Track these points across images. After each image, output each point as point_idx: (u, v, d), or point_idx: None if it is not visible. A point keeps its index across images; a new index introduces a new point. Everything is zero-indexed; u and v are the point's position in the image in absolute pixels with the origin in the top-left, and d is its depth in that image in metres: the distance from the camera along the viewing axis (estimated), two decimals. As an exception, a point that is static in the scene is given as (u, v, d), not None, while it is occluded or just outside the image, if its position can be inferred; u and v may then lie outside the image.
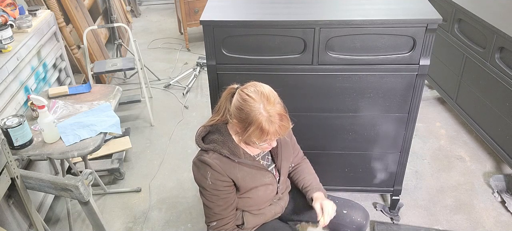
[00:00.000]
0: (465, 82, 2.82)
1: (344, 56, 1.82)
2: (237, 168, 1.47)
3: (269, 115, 1.34)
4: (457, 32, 2.86)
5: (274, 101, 1.36)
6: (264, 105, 1.34)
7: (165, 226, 2.34)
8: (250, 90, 1.38)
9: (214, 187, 1.46)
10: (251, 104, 1.34)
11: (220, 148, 1.46)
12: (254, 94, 1.36)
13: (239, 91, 1.40)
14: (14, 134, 1.77)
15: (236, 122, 1.39)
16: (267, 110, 1.34)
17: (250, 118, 1.34)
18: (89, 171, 1.61)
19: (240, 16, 1.81)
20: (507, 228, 2.28)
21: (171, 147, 2.98)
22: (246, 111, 1.35)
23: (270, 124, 1.34)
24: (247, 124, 1.36)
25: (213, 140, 1.49)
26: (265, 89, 1.39)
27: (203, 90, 3.71)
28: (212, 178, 1.45)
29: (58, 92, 2.27)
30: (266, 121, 1.33)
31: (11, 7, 2.41)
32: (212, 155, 1.46)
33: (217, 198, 1.48)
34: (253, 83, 1.42)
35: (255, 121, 1.34)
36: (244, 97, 1.36)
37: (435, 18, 1.72)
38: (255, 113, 1.33)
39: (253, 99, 1.35)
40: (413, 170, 2.68)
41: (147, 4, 6.11)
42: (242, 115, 1.36)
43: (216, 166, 1.44)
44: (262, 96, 1.35)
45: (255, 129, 1.34)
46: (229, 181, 1.46)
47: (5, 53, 2.09)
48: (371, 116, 1.99)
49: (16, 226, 1.83)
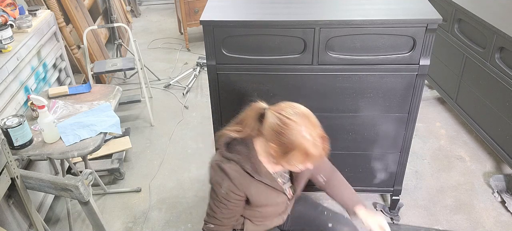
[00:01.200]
0: (465, 82, 2.82)
1: (344, 56, 1.82)
2: (254, 184, 1.43)
3: (313, 139, 1.27)
4: (457, 32, 2.86)
5: (315, 123, 1.30)
6: (307, 128, 1.28)
7: (165, 226, 2.34)
8: (288, 112, 1.30)
9: (226, 197, 1.42)
10: (293, 128, 1.27)
11: (243, 161, 1.40)
12: (295, 117, 1.29)
13: (275, 113, 1.33)
14: (14, 134, 1.77)
15: (274, 146, 1.32)
16: (310, 133, 1.27)
17: (293, 142, 1.27)
18: (89, 171, 1.61)
19: (240, 16, 1.81)
20: (507, 228, 2.28)
21: (171, 147, 2.98)
22: (288, 135, 1.28)
23: (315, 148, 1.27)
24: (289, 148, 1.29)
25: (238, 151, 1.43)
26: (304, 110, 1.33)
27: (203, 90, 3.71)
28: (227, 189, 1.40)
29: (58, 92, 2.27)
30: (312, 145, 1.27)
31: (11, 7, 2.41)
32: (233, 166, 1.41)
33: (224, 207, 1.44)
34: (289, 104, 1.34)
35: (298, 146, 1.27)
36: (284, 121, 1.29)
37: (435, 18, 1.72)
38: (298, 137, 1.27)
39: (295, 122, 1.28)
40: (413, 170, 2.68)
41: (147, 4, 6.11)
42: (283, 139, 1.29)
43: (235, 178, 1.39)
44: (304, 119, 1.29)
45: (299, 154, 1.28)
46: (243, 195, 1.43)
47: (5, 53, 2.09)
48: (371, 115, 1.99)
49: (16, 226, 1.83)
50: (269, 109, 1.36)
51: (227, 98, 1.96)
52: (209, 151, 2.88)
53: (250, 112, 1.42)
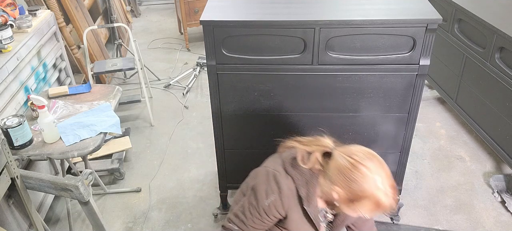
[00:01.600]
0: (465, 82, 2.82)
1: (344, 56, 1.82)
2: (298, 210, 1.37)
3: (385, 189, 1.21)
4: (457, 32, 2.86)
5: (388, 172, 1.24)
6: (381, 178, 1.21)
7: (165, 226, 2.34)
8: (360, 157, 1.24)
9: (266, 210, 1.35)
10: (367, 175, 1.21)
11: (301, 184, 1.34)
12: (369, 164, 1.22)
13: (345, 156, 1.26)
14: (14, 134, 1.77)
15: (340, 190, 1.25)
16: (383, 183, 1.21)
17: (365, 191, 1.21)
18: (89, 171, 1.61)
19: (240, 16, 1.81)
20: (507, 228, 2.28)
21: (171, 147, 2.98)
22: (360, 183, 1.21)
23: (386, 198, 1.21)
24: (358, 196, 1.22)
25: (301, 171, 1.36)
26: (378, 157, 1.26)
27: (203, 90, 3.71)
28: (272, 203, 1.34)
29: (58, 92, 2.27)
30: (384, 195, 1.21)
31: (11, 7, 2.41)
32: (289, 184, 1.34)
33: (258, 218, 1.37)
34: (359, 148, 1.28)
35: (371, 196, 1.21)
36: (357, 166, 1.22)
37: (435, 18, 1.72)
38: (371, 187, 1.21)
39: (369, 169, 1.22)
40: (413, 170, 2.68)
41: (147, 4, 6.10)
42: (353, 186, 1.22)
43: (285, 196, 1.33)
44: (378, 167, 1.23)
45: (369, 203, 1.22)
46: (283, 215, 1.37)
47: (5, 53, 2.09)
48: (371, 115, 1.99)
49: (16, 226, 1.83)
50: (336, 150, 1.30)
51: (227, 98, 1.96)
52: (209, 151, 2.89)
53: (316, 146, 1.35)
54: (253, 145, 2.10)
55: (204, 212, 2.41)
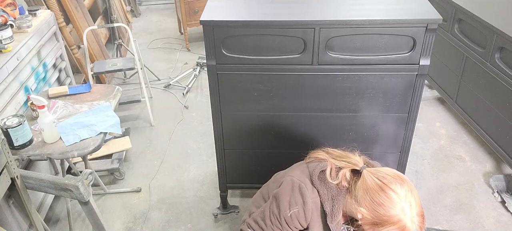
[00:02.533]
0: (465, 82, 2.82)
1: (344, 56, 1.82)
2: (319, 225, 1.35)
3: (412, 216, 1.19)
4: (457, 32, 2.86)
5: (418, 200, 1.21)
6: (410, 206, 1.19)
7: (165, 226, 2.34)
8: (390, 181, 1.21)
9: (288, 221, 1.33)
10: (395, 202, 1.18)
11: (326, 200, 1.31)
12: (400, 190, 1.19)
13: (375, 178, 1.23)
14: (14, 134, 1.77)
15: (365, 211, 1.23)
16: (411, 211, 1.19)
17: (392, 216, 1.18)
18: (89, 171, 1.61)
19: (240, 16, 1.81)
20: (507, 228, 2.28)
21: (171, 147, 2.98)
22: (387, 208, 1.19)
23: (413, 226, 1.18)
24: (384, 221, 1.20)
25: (329, 186, 1.33)
26: (409, 183, 1.23)
27: (203, 90, 3.71)
28: (295, 215, 1.32)
29: (58, 92, 2.27)
30: (411, 223, 1.18)
31: (11, 7, 2.41)
32: (315, 197, 1.32)
33: (279, 227, 1.35)
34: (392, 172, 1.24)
35: (396, 222, 1.18)
36: (386, 190, 1.20)
37: (435, 18, 1.72)
38: (398, 214, 1.18)
39: (398, 195, 1.19)
40: (413, 170, 2.68)
41: (147, 4, 6.10)
42: (379, 210, 1.20)
43: (309, 210, 1.31)
44: (408, 195, 1.20)
45: (394, 228, 1.19)
46: (304, 227, 1.35)
47: (5, 53, 2.09)
48: (371, 115, 1.99)
49: (16, 226, 1.83)
50: (367, 170, 1.28)
51: (227, 98, 1.96)
52: (209, 151, 2.89)
53: (346, 163, 1.33)
54: (253, 145, 2.10)
55: (204, 212, 2.41)
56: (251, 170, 2.19)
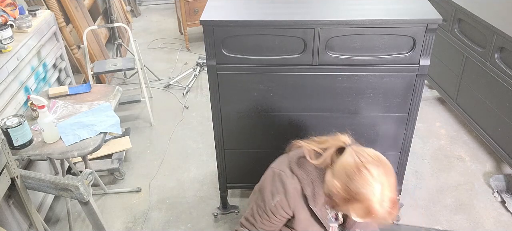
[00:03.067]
0: (465, 82, 2.82)
1: (344, 56, 1.82)
2: (305, 210, 1.36)
3: (382, 199, 1.18)
4: (457, 32, 2.86)
5: (392, 184, 1.21)
6: (383, 188, 1.18)
7: (165, 226, 2.34)
8: (368, 160, 1.22)
9: (273, 210, 1.35)
10: (367, 180, 1.18)
11: (307, 184, 1.33)
12: (373, 169, 1.19)
13: (353, 154, 1.25)
14: (14, 134, 1.77)
15: (338, 185, 1.24)
16: (382, 193, 1.18)
17: (361, 194, 1.18)
18: (89, 171, 1.61)
19: (240, 16, 1.81)
20: (507, 228, 2.28)
21: (171, 147, 2.98)
22: (357, 184, 1.19)
23: (380, 208, 1.18)
24: (352, 197, 1.20)
25: (307, 170, 1.36)
26: (386, 164, 1.23)
27: (203, 90, 3.71)
28: (278, 203, 1.34)
29: (58, 92, 2.27)
30: (378, 205, 1.18)
31: (11, 7, 2.41)
32: (295, 184, 1.34)
33: (267, 219, 1.38)
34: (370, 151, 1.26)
35: (364, 200, 1.18)
36: (360, 167, 1.20)
37: (435, 18, 1.72)
38: (368, 192, 1.18)
39: (372, 175, 1.19)
40: (413, 170, 2.68)
41: (147, 4, 6.10)
42: (350, 185, 1.20)
43: (291, 196, 1.33)
44: (382, 176, 1.19)
45: (361, 207, 1.20)
46: (290, 214, 1.37)
47: (5, 53, 2.09)
48: (371, 115, 1.99)
49: (16, 226, 1.83)
50: (351, 147, 1.29)
51: (227, 98, 1.96)
52: (209, 151, 2.89)
53: (333, 142, 1.34)
54: (253, 145, 2.10)
55: (204, 212, 2.41)
56: (251, 170, 2.19)
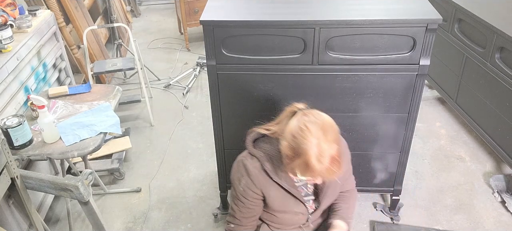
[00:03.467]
0: (465, 82, 2.82)
1: (344, 56, 1.82)
2: (273, 186, 1.40)
3: (320, 153, 1.22)
4: (457, 32, 2.86)
5: (330, 140, 1.24)
6: (319, 142, 1.23)
7: (165, 226, 2.34)
8: (310, 119, 1.27)
9: (243, 194, 1.41)
10: (306, 135, 1.23)
11: (264, 159, 1.38)
12: (312, 126, 1.24)
13: (300, 115, 1.30)
14: (14, 134, 1.77)
15: (286, 145, 1.28)
16: (320, 148, 1.22)
17: (301, 149, 1.23)
18: (89, 171, 1.61)
19: (240, 16, 1.81)
20: (507, 228, 2.28)
21: (171, 147, 2.98)
22: (299, 141, 1.24)
23: (318, 164, 1.23)
24: (295, 153, 1.25)
25: (262, 148, 1.41)
26: (328, 124, 1.28)
27: (203, 90, 3.71)
28: (244, 185, 1.39)
29: (58, 92, 2.27)
30: (316, 159, 1.22)
31: (11, 7, 2.41)
32: (254, 163, 1.39)
33: (243, 205, 1.43)
34: (316, 113, 1.31)
35: (304, 154, 1.23)
36: (302, 126, 1.25)
37: (435, 18, 1.72)
38: (306, 146, 1.22)
39: (309, 131, 1.23)
40: (413, 170, 2.68)
41: (147, 4, 6.10)
42: (293, 143, 1.26)
43: (253, 175, 1.38)
44: (320, 131, 1.24)
45: (302, 162, 1.24)
46: (259, 194, 1.41)
47: (5, 53, 2.09)
48: (371, 115, 1.99)
49: (16, 226, 1.83)
50: (301, 111, 1.33)
51: (227, 98, 1.96)
52: (209, 151, 2.89)
53: (286, 112, 1.39)
54: (253, 145, 2.10)
55: (204, 212, 2.41)
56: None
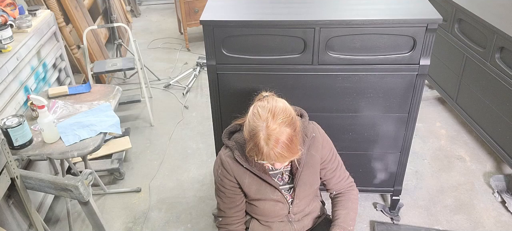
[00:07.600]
0: (465, 82, 2.82)
1: (344, 56, 1.82)
2: (247, 174, 1.45)
3: (267, 136, 1.25)
4: (457, 32, 2.86)
5: (280, 123, 1.27)
6: (268, 124, 1.26)
7: (165, 226, 2.34)
8: (262, 104, 1.32)
9: (221, 183, 1.48)
10: (256, 119, 1.28)
11: (235, 148, 1.44)
12: (262, 111, 1.29)
13: (257, 102, 1.36)
14: (14, 134, 1.77)
15: (245, 131, 1.34)
16: (268, 129, 1.26)
17: (252, 132, 1.28)
18: (89, 171, 1.60)
19: (240, 16, 1.81)
20: (507, 228, 2.28)
21: (171, 147, 2.98)
22: (251, 125, 1.29)
23: (265, 145, 1.26)
24: (250, 137, 1.30)
25: (235, 138, 1.47)
26: (277, 107, 1.31)
27: (203, 90, 3.71)
28: (221, 175, 1.46)
29: (58, 92, 2.27)
30: (262, 141, 1.26)
31: (11, 7, 2.41)
32: (227, 153, 1.46)
33: (223, 195, 1.50)
34: (272, 98, 1.35)
35: (254, 137, 1.27)
36: (254, 110, 1.31)
37: (435, 18, 1.72)
38: (257, 129, 1.27)
39: (260, 115, 1.28)
40: (413, 170, 2.68)
41: (147, 4, 6.10)
42: (248, 127, 1.31)
43: (226, 164, 1.44)
44: (268, 114, 1.28)
45: (253, 145, 1.28)
46: (234, 182, 1.46)
47: (5, 53, 2.09)
48: (371, 116, 1.99)
49: (16, 226, 1.83)
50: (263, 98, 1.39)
51: (227, 98, 1.96)
52: (209, 151, 2.88)
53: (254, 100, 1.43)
54: (253, 145, 2.10)
55: (204, 212, 2.41)
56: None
